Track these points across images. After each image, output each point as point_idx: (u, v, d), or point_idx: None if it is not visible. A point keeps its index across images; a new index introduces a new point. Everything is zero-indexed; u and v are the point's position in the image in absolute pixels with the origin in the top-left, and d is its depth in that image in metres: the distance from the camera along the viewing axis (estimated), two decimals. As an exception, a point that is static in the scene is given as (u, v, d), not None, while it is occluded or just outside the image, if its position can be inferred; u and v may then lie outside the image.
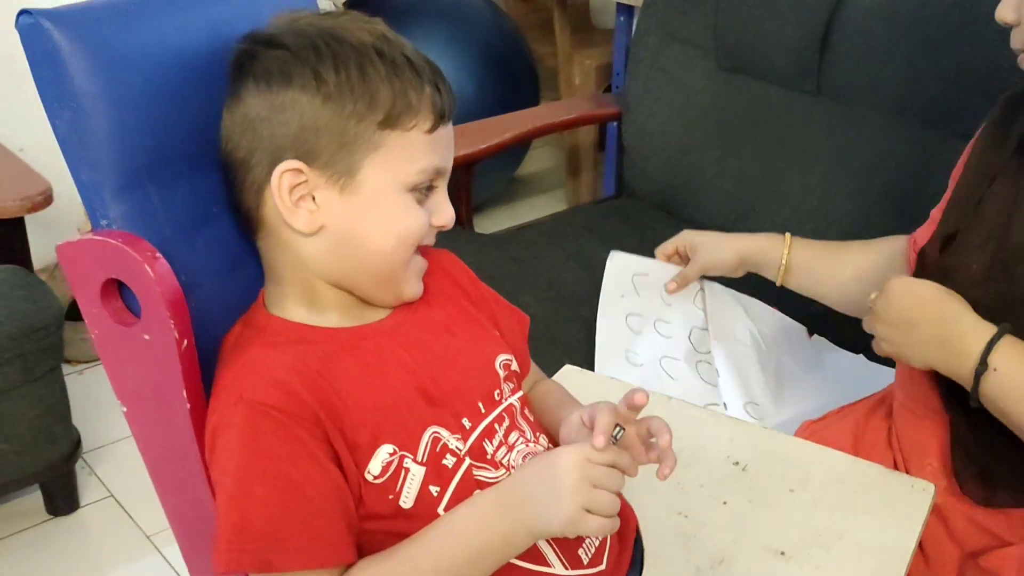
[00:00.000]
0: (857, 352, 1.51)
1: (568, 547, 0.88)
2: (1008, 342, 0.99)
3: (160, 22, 0.87)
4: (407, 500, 0.81)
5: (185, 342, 0.84)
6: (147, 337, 0.84)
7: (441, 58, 1.09)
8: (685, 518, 1.00)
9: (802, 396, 1.44)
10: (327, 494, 0.78)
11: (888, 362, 1.26)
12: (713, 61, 1.92)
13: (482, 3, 2.77)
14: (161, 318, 0.83)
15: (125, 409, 0.90)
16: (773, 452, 1.09)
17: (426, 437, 0.84)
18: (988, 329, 1.00)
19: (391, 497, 0.81)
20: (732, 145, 1.90)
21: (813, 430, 1.27)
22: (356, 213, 0.83)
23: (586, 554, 0.89)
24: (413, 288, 0.89)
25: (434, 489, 0.83)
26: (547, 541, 0.86)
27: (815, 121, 1.80)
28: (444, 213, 0.87)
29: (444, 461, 0.84)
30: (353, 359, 0.84)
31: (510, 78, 2.73)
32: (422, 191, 0.85)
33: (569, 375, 1.22)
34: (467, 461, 0.85)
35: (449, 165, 0.87)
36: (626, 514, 1.00)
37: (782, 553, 0.96)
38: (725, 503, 1.02)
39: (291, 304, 0.86)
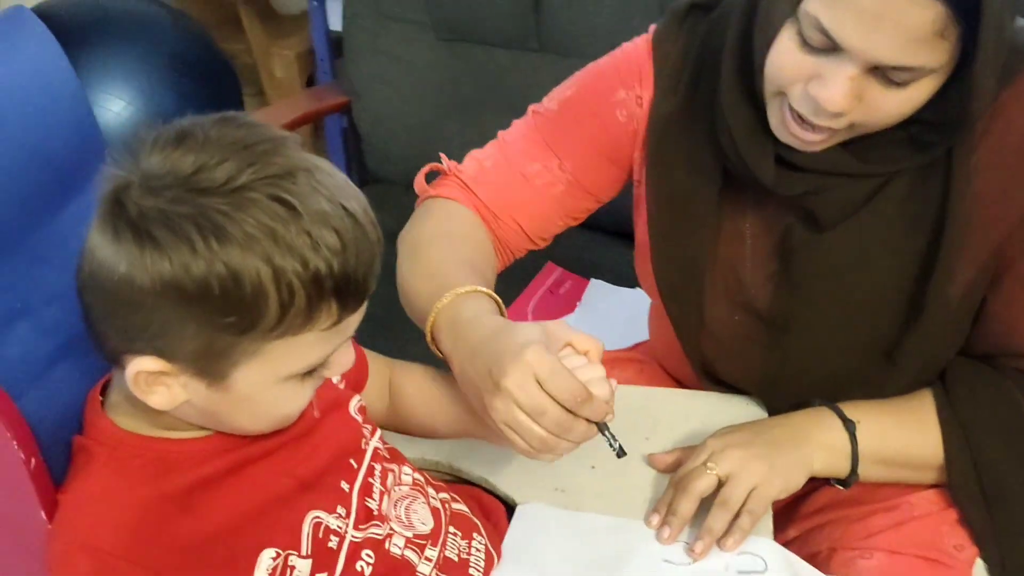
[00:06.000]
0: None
1: (460, 572, 0.89)
2: (841, 404, 1.02)
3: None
4: None
5: (33, 460, 0.75)
6: (-17, 467, 0.75)
7: (133, 76, 0.99)
8: (563, 492, 1.03)
9: None
10: None
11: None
12: (432, 34, 1.93)
13: (158, 9, 2.61)
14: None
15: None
16: (620, 406, 1.14)
17: (307, 527, 0.79)
18: (812, 409, 1.02)
19: None
20: (469, 113, 1.92)
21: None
22: (225, 403, 0.74)
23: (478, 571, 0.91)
24: (291, 421, 0.81)
25: None
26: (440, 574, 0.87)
27: (543, 78, 1.83)
28: (338, 366, 0.77)
29: (329, 544, 0.80)
30: (216, 470, 0.77)
31: (209, 83, 2.59)
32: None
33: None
34: (348, 536, 0.82)
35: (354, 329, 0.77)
36: (492, 509, 1.01)
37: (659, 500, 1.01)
38: (593, 467, 1.06)
39: (140, 420, 0.77)
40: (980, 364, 1.02)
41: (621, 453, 0.88)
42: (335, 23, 2.28)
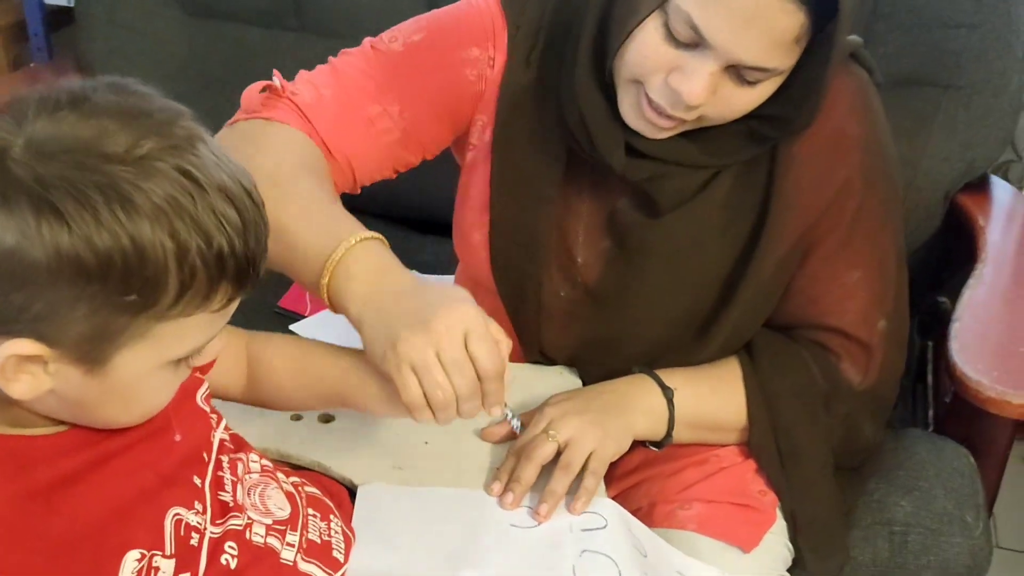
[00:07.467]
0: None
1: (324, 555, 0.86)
2: (659, 371, 1.07)
3: None
4: None
5: None
6: None
7: None
8: (400, 470, 1.01)
9: None
10: None
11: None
12: (178, 9, 1.82)
13: None
14: None
15: None
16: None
17: (169, 524, 0.74)
18: (635, 376, 1.07)
19: None
20: (223, 93, 1.79)
21: None
22: (96, 392, 0.67)
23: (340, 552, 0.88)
24: (156, 412, 0.75)
25: None
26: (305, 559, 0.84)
27: (303, 58, 1.77)
28: (211, 353, 0.74)
29: (191, 542, 0.75)
30: (78, 466, 0.70)
31: None
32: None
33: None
34: (208, 533, 0.77)
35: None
36: (335, 491, 0.99)
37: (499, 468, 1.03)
38: (426, 443, 1.05)
39: None
40: (781, 336, 1.12)
41: (522, 430, 0.97)
42: (50, -6, 2.09)
